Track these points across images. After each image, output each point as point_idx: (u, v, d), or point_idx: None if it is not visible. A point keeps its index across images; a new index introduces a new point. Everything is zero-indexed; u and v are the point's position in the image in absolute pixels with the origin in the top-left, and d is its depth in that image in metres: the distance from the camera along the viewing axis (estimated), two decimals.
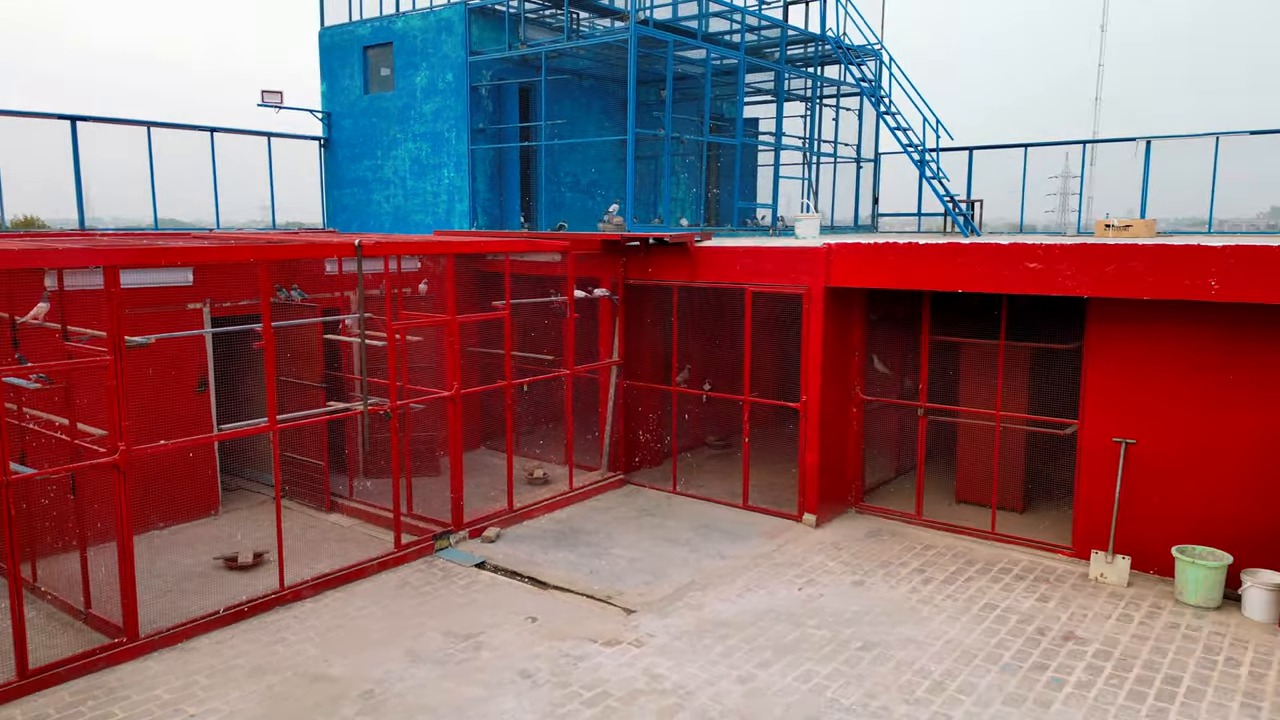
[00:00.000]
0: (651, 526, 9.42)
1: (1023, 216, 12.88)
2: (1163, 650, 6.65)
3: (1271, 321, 7.38)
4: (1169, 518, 8.00)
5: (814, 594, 7.68)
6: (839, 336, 9.57)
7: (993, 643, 6.76)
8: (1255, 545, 7.54)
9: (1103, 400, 8.28)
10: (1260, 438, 7.51)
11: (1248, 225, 16.10)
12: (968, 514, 9.59)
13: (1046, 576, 8.10)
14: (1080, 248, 7.82)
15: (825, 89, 14.16)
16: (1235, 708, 5.85)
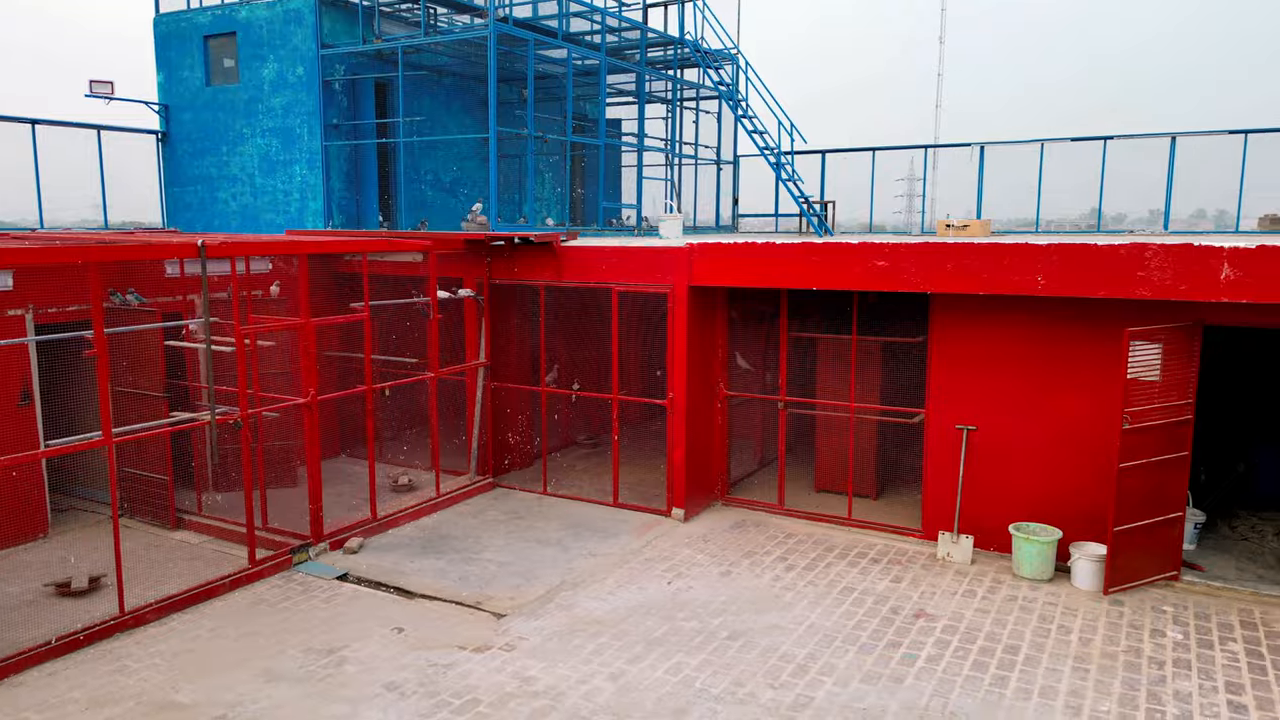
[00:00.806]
0: (522, 529, 9.34)
1: (872, 217, 13.54)
2: (1003, 622, 7.14)
3: (1092, 313, 8.04)
4: (1007, 498, 8.59)
5: (683, 587, 7.82)
6: (703, 334, 9.78)
7: (851, 624, 7.07)
8: (1082, 520, 8.20)
9: (945, 390, 8.81)
10: (1084, 421, 8.17)
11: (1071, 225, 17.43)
12: (827, 502, 10.00)
13: (899, 558, 8.54)
14: (923, 247, 8.28)
15: (685, 91, 14.42)
16: (1067, 671, 6.34)
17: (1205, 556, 8.45)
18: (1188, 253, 7.14)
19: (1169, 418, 7.72)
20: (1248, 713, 5.78)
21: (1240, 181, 10.89)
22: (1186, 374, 7.74)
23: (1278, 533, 9.06)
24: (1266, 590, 7.69)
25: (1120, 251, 7.38)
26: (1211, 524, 9.13)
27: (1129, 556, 7.70)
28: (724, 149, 15.29)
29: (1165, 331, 7.54)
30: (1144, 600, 7.56)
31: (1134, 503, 7.64)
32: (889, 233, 15.57)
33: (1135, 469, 7.59)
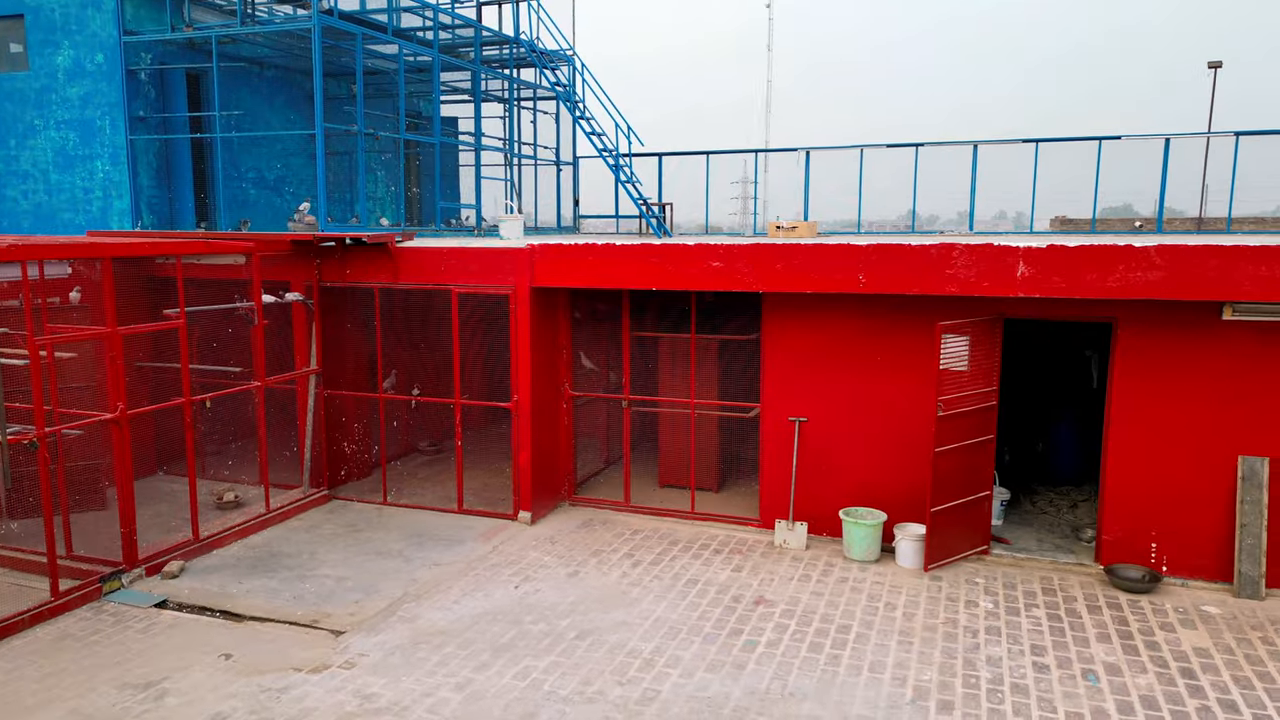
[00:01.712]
0: (361, 542, 9.00)
1: (708, 219, 13.93)
2: (835, 603, 7.52)
3: (909, 309, 8.60)
4: (837, 485, 9.05)
5: (531, 590, 7.77)
6: (546, 335, 9.75)
7: (695, 615, 7.25)
8: (905, 503, 8.76)
9: (779, 384, 9.18)
10: (905, 409, 8.73)
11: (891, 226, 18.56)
12: (671, 497, 10.20)
13: (740, 548, 8.83)
14: (755, 248, 8.60)
15: (523, 91, 14.33)
16: (893, 645, 6.76)
17: (1011, 530, 9.23)
18: (989, 252, 7.76)
19: (977, 404, 8.37)
20: (1049, 671, 6.35)
21: (1033, 186, 11.94)
22: (991, 363, 8.41)
23: (1071, 506, 10.00)
24: (1063, 559, 8.48)
25: (931, 251, 7.93)
26: (1016, 500, 9.98)
27: (945, 535, 8.29)
28: (563, 150, 15.31)
29: (971, 325, 8.17)
30: (959, 574, 8.16)
31: (948, 484, 8.24)
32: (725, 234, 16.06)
33: (949, 453, 8.18)
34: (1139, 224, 15.09)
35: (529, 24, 13.16)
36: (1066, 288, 7.56)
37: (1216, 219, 13.28)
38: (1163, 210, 11.74)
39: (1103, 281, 7.44)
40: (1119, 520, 8.18)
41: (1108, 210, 19.06)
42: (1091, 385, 11.08)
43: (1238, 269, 7.11)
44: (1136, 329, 7.95)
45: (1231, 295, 7.19)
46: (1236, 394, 7.73)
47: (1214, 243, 7.29)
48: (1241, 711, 5.81)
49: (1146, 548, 8.11)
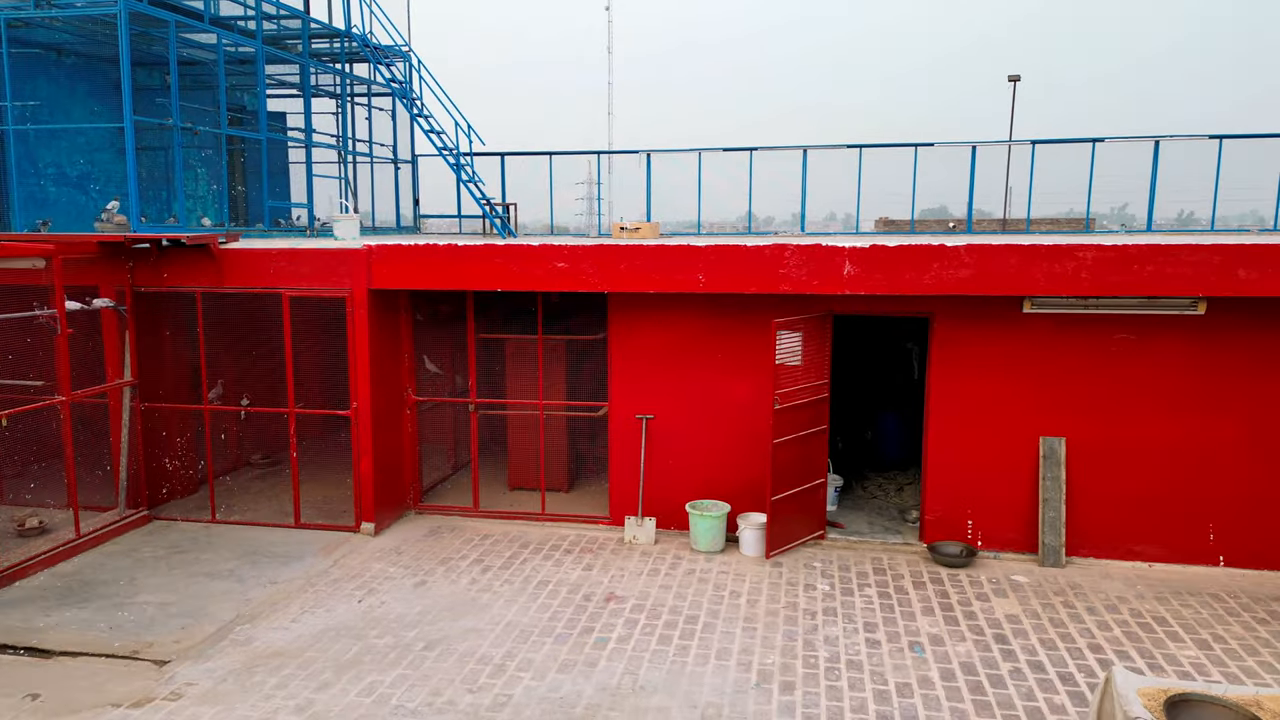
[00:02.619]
0: (187, 563, 8.43)
1: (552, 219, 13.92)
2: (683, 595, 7.70)
3: (747, 307, 8.92)
4: (684, 479, 9.27)
5: (375, 603, 7.52)
6: (387, 339, 9.46)
7: (546, 616, 7.24)
8: (748, 493, 9.08)
9: (625, 383, 9.31)
10: (746, 404, 9.04)
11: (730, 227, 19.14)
12: (521, 499, 10.14)
13: (590, 546, 8.89)
14: (599, 248, 8.67)
15: (357, 87, 13.83)
16: (738, 632, 6.99)
17: (845, 515, 9.74)
18: (818, 252, 8.16)
19: (811, 397, 8.78)
20: (881, 646, 6.75)
21: (858, 188, 12.65)
22: (823, 358, 8.85)
23: (898, 489, 10.67)
24: (892, 539, 9.04)
25: (765, 252, 8.26)
26: (849, 486, 10.54)
27: (785, 522, 8.66)
28: (402, 148, 14.88)
29: (803, 321, 8.56)
30: (799, 559, 8.54)
31: (786, 474, 8.61)
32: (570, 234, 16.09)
33: (786, 444, 8.55)
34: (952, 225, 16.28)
35: (361, 17, 12.72)
36: (888, 285, 8.06)
37: (1018, 220, 14.52)
38: (971, 212, 12.71)
39: (919, 279, 7.98)
40: (939, 501, 8.81)
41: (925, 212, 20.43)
42: (914, 376, 11.86)
43: (1034, 266, 7.79)
44: (951, 322, 8.58)
45: (1029, 290, 7.88)
46: (1037, 380, 8.48)
47: (1015, 242, 7.96)
48: (1047, 671, 6.38)
49: (964, 525, 8.77)
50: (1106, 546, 8.53)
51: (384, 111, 14.46)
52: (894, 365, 12.68)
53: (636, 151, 13.15)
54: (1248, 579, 8.10)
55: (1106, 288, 7.70)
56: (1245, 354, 8.07)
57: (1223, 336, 8.09)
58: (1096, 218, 16.20)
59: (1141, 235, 9.88)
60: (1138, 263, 7.58)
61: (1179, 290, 7.60)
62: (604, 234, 13.97)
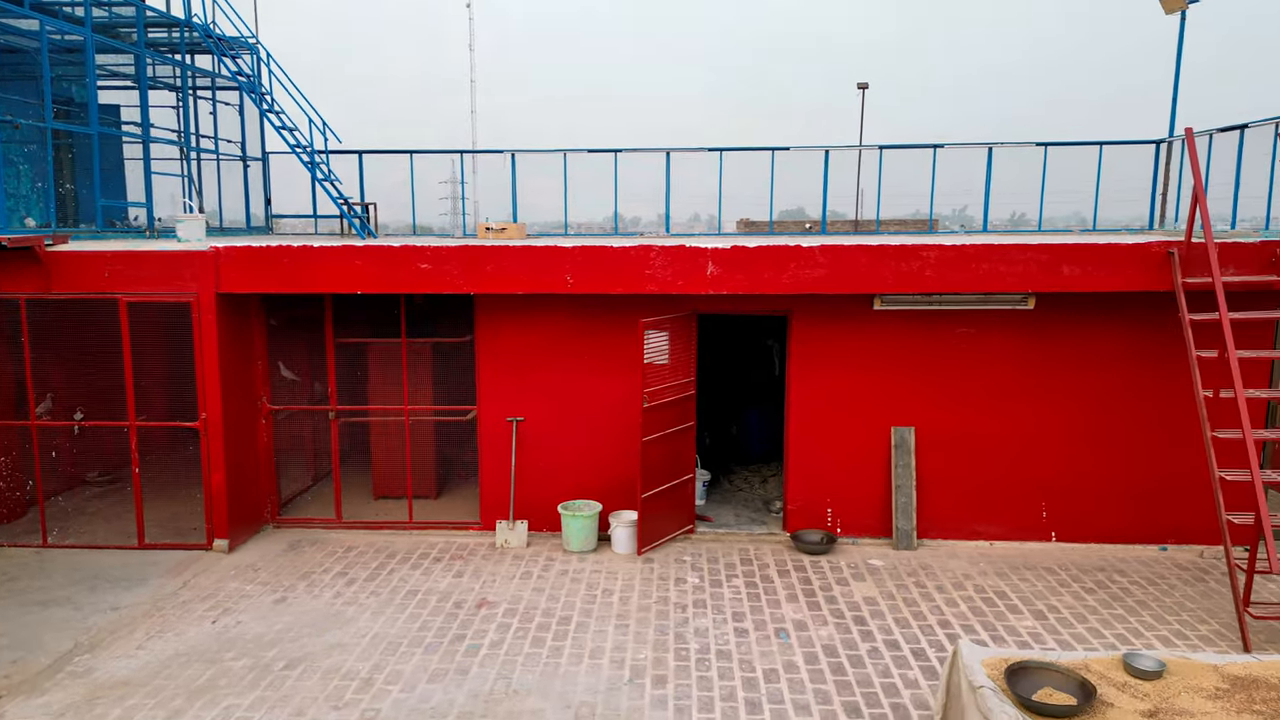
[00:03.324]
0: (16, 592, 7.76)
1: (415, 219, 13.59)
2: (556, 596, 7.70)
3: (616, 307, 8.99)
4: (556, 480, 9.26)
5: (231, 624, 7.15)
6: (238, 345, 9.00)
7: (416, 627, 7.08)
8: (619, 492, 9.16)
9: (494, 385, 9.21)
10: (616, 403, 9.12)
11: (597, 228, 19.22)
12: (387, 508, 9.86)
13: (461, 553, 8.75)
14: (464, 250, 8.54)
15: (200, 80, 13.08)
16: (611, 630, 7.05)
17: (713, 508, 9.98)
18: (682, 253, 8.32)
19: (678, 394, 8.95)
20: (748, 635, 6.96)
21: (719, 191, 12.96)
22: (689, 356, 9.03)
23: (763, 481, 11.01)
24: (758, 530, 9.32)
25: (631, 253, 8.35)
26: (716, 480, 10.81)
27: (655, 519, 8.79)
28: (251, 145, 14.17)
29: (670, 321, 8.72)
30: (669, 554, 8.69)
31: (656, 471, 8.74)
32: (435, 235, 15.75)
33: (655, 441, 8.67)
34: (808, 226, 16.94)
35: (203, 6, 12.02)
36: (749, 284, 8.31)
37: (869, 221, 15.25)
38: (826, 214, 13.26)
39: (778, 278, 8.27)
40: (800, 491, 9.15)
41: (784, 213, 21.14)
42: (775, 372, 12.28)
43: (883, 265, 8.22)
44: (808, 320, 8.93)
45: (879, 288, 8.30)
46: (888, 373, 8.94)
47: (865, 243, 8.37)
48: (902, 648, 6.75)
49: (824, 513, 9.15)
50: (953, 528, 9.09)
51: (231, 106, 13.73)
52: (757, 362, 13.09)
53: (501, 151, 13.01)
54: (1076, 552, 8.81)
55: (948, 285, 8.20)
56: (1070, 346, 8.78)
57: (1050, 330, 8.77)
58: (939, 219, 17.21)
59: (978, 235, 10.57)
60: (975, 261, 8.12)
61: (1011, 287, 8.18)
62: (470, 234, 13.75)
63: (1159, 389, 8.69)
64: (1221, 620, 7.17)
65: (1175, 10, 12.57)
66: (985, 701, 4.81)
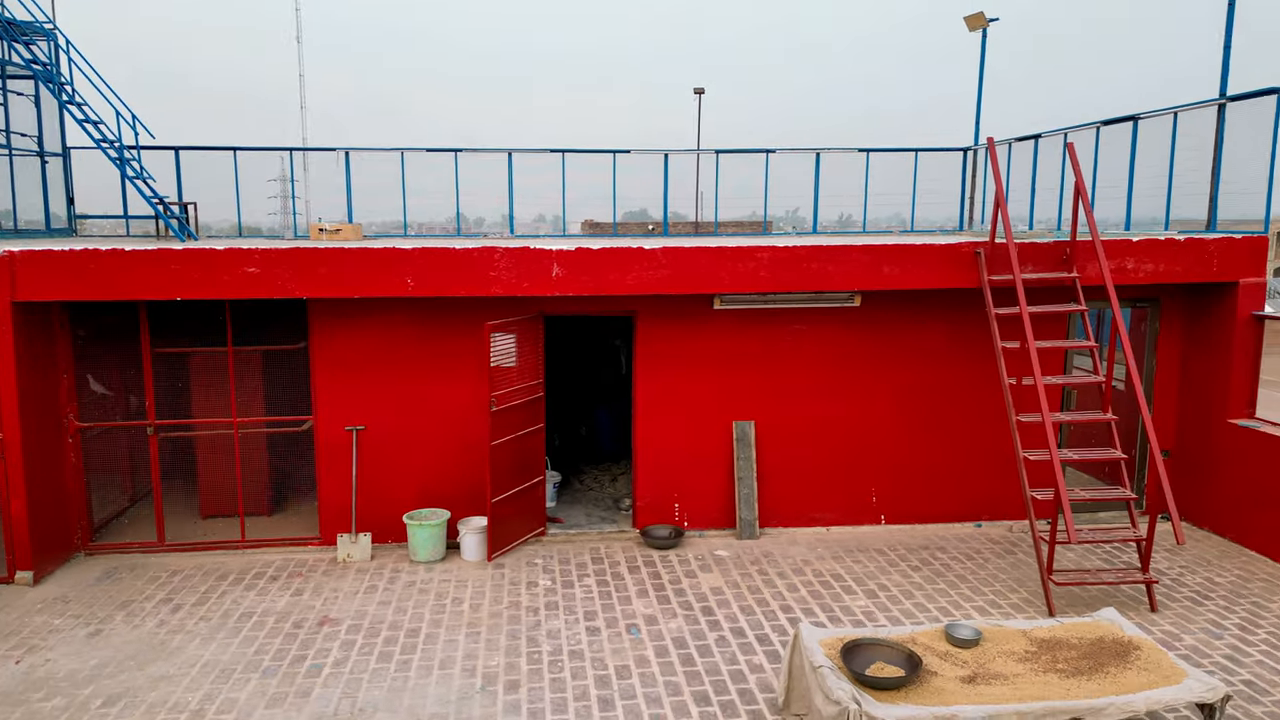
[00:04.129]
0: None
1: (240, 220, 12.84)
2: (403, 609, 7.49)
3: (460, 310, 8.84)
4: (401, 490, 9.01)
5: (39, 662, 6.53)
6: (40, 359, 8.22)
7: (252, 650, 6.71)
8: (468, 498, 9.01)
9: (332, 393, 8.85)
10: (463, 408, 8.97)
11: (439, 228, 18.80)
12: (217, 528, 9.29)
13: (299, 570, 8.36)
14: (296, 252, 8.15)
15: None
16: (462, 639, 6.93)
17: (564, 509, 10.00)
18: (526, 255, 8.28)
19: (527, 396, 8.91)
20: (600, 633, 7.02)
21: (563, 192, 12.99)
22: (536, 358, 9.01)
23: (613, 480, 11.13)
24: (608, 529, 9.42)
25: (474, 255, 8.23)
26: (567, 481, 10.83)
27: (506, 523, 8.71)
28: (51, 140, 12.94)
29: (516, 323, 8.66)
30: (520, 558, 8.64)
31: (506, 475, 8.66)
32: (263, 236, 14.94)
33: (504, 445, 8.60)
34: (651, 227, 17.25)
35: None
36: (594, 286, 8.38)
37: (709, 223, 15.69)
38: (667, 215, 13.54)
39: (622, 280, 8.38)
40: (649, 488, 9.32)
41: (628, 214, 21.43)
42: (622, 371, 12.43)
43: (722, 266, 8.49)
44: (652, 320, 9.10)
45: (718, 288, 8.57)
46: (729, 370, 9.25)
47: (705, 244, 8.62)
48: (748, 635, 7.00)
49: (672, 508, 9.35)
50: (793, 516, 9.52)
51: (25, 97, 12.50)
52: (605, 362, 13.22)
53: (334, 149, 12.51)
54: (903, 533, 9.42)
55: (781, 285, 8.57)
56: (893, 340, 9.37)
57: (876, 325, 9.33)
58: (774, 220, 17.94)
59: (809, 237, 11.10)
60: (805, 262, 8.52)
61: (839, 285, 8.64)
62: (302, 235, 13.14)
63: (972, 378, 9.42)
64: (1029, 589, 7.87)
65: (977, 29, 13.66)
66: (824, 680, 5.07)
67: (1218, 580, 8.03)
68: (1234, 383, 9.01)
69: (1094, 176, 10.65)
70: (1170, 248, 8.78)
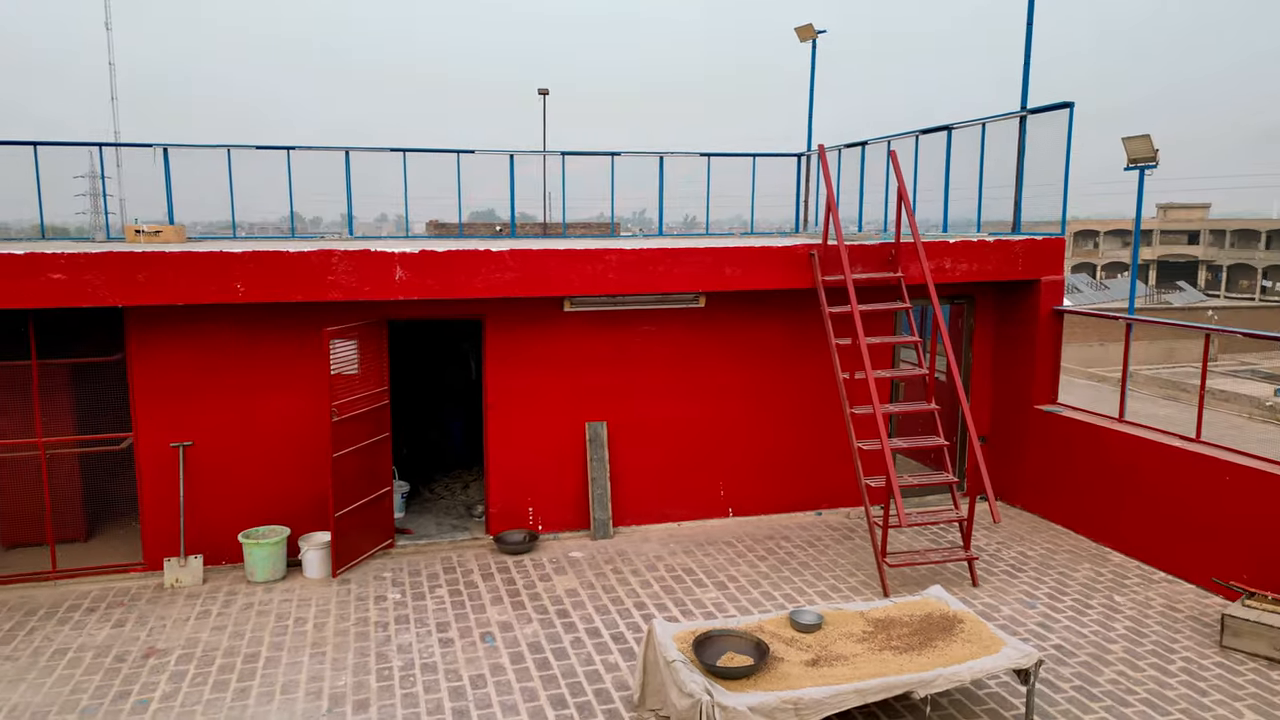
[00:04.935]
0: None
1: (43, 221, 11.75)
2: (240, 633, 7.08)
3: (298, 316, 8.43)
4: (236, 508, 8.50)
5: None
6: None
7: (68, 690, 6.16)
8: (311, 513, 8.61)
9: (154, 407, 8.25)
10: (303, 418, 8.56)
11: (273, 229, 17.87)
12: (22, 559, 8.46)
13: (121, 599, 7.75)
14: (109, 256, 7.54)
15: None
16: (306, 660, 6.62)
17: (414, 520, 9.74)
18: (368, 258, 8.00)
19: (371, 405, 8.61)
20: (454, 644, 6.89)
21: (405, 192, 12.64)
22: (380, 364, 8.72)
23: (464, 487, 10.94)
24: (460, 537, 9.25)
25: (311, 258, 7.88)
26: (416, 490, 10.56)
27: (351, 537, 8.40)
28: None
29: (358, 329, 8.36)
30: (368, 573, 8.35)
31: (350, 487, 8.35)
32: (71, 238, 13.73)
33: (347, 455, 8.28)
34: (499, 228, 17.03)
35: None
36: (440, 289, 8.20)
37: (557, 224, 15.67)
38: (514, 217, 13.43)
39: (470, 283, 8.24)
40: (501, 493, 9.23)
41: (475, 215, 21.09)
42: (472, 376, 12.23)
43: (570, 269, 8.51)
44: (502, 323, 9.01)
45: (568, 290, 8.59)
46: (581, 371, 9.28)
47: (553, 247, 8.61)
48: (603, 635, 7.05)
49: (525, 512, 9.30)
50: (646, 513, 9.67)
51: None
52: (454, 367, 12.96)
53: (150, 145, 11.64)
54: (750, 524, 9.75)
55: (629, 287, 8.69)
56: (738, 339, 9.68)
57: (721, 325, 9.61)
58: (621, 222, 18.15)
59: (655, 239, 11.30)
60: (651, 264, 8.67)
61: (684, 287, 8.85)
62: (116, 237, 12.15)
63: (811, 373, 9.86)
64: (866, 572, 8.33)
65: (807, 40, 14.32)
66: (677, 674, 5.19)
67: (1029, 554, 8.77)
68: (1039, 371, 9.87)
69: (915, 181, 11.39)
70: (982, 249, 9.51)
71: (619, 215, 16.48)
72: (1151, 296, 57.08)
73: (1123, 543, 8.75)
